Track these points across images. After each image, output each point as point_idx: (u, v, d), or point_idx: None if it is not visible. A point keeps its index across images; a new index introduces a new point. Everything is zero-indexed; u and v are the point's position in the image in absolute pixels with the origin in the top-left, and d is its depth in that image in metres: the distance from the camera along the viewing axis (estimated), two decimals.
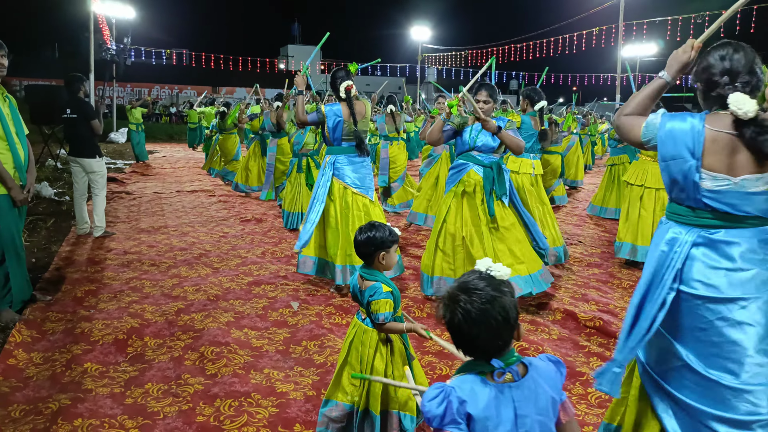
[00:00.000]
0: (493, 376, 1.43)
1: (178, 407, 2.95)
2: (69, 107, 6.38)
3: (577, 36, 24.88)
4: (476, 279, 1.48)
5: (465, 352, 1.48)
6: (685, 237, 2.02)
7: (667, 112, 2.08)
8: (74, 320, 4.06)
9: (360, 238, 2.52)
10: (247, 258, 5.86)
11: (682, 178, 1.98)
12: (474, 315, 1.41)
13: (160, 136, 24.54)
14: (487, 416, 1.40)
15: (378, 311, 2.42)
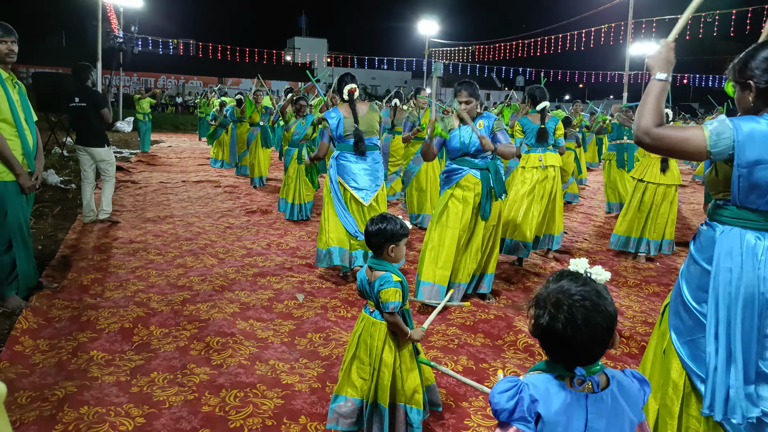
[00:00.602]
0: (573, 383, 1.37)
1: (184, 397, 2.95)
2: (77, 96, 6.38)
3: (586, 33, 24.76)
4: (577, 283, 1.39)
5: (555, 359, 1.41)
6: (763, 243, 1.92)
7: (733, 117, 1.94)
8: (80, 308, 4.07)
9: (371, 229, 2.52)
10: (252, 249, 5.86)
11: (766, 183, 1.87)
12: (580, 322, 1.32)
13: (165, 126, 24.56)
14: (557, 421, 1.34)
15: (387, 300, 2.42)
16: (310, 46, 51.27)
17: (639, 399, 1.43)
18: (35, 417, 2.71)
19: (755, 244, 1.92)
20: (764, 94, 1.93)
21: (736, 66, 2.02)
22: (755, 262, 1.91)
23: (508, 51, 29.79)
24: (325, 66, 51.68)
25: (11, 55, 3.86)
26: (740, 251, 1.94)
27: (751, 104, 1.98)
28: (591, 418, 1.36)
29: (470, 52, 32.44)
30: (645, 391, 1.45)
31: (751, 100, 1.97)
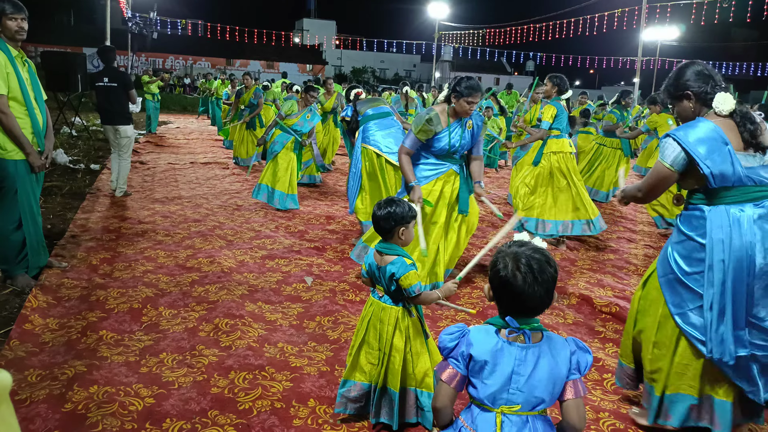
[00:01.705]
0: (506, 332, 1.62)
1: (193, 378, 2.95)
2: (106, 76, 6.77)
3: (599, 17, 24.41)
4: (526, 245, 1.64)
5: (506, 309, 1.64)
6: (748, 212, 2.33)
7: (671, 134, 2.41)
8: (89, 287, 4.08)
9: (380, 213, 2.50)
10: (260, 232, 5.85)
11: (729, 164, 2.32)
12: (535, 272, 1.57)
13: (173, 107, 24.50)
14: (485, 360, 1.59)
15: (411, 285, 2.41)
16: (319, 28, 50.90)
17: (568, 360, 1.62)
18: (45, 395, 2.72)
19: (739, 216, 2.33)
20: (701, 97, 2.46)
21: (669, 88, 2.57)
22: (741, 230, 2.31)
23: (519, 35, 29.46)
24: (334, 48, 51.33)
25: (21, 33, 3.82)
26: (728, 223, 2.34)
27: (692, 110, 2.50)
28: (517, 364, 1.59)
29: (480, 36, 32.09)
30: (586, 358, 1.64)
31: (692, 106, 2.49)
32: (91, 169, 8.88)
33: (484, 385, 1.60)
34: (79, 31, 39.52)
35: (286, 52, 46.59)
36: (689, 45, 36.17)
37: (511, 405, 1.59)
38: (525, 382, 1.58)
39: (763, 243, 2.31)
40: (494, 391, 1.59)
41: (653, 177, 2.49)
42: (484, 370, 1.59)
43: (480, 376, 1.61)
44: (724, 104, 2.39)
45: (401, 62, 55.93)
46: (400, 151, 4.13)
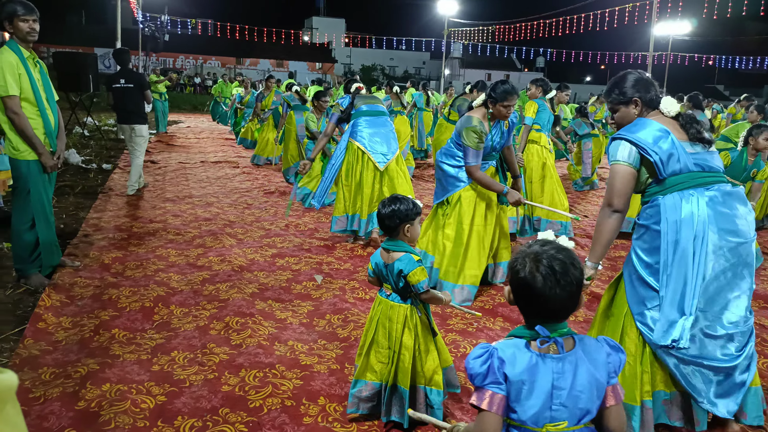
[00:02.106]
0: (537, 344, 1.47)
1: (204, 376, 2.97)
2: (123, 77, 7.06)
3: (609, 12, 24.22)
4: (549, 245, 1.52)
5: (528, 314, 1.53)
6: (698, 196, 2.41)
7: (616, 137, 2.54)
8: (102, 286, 4.11)
9: (384, 211, 2.50)
10: (270, 230, 5.87)
11: (675, 149, 2.44)
12: (557, 274, 1.45)
13: (184, 107, 24.64)
14: (522, 380, 1.44)
15: (418, 281, 2.42)
16: (328, 26, 50.89)
17: (606, 363, 1.51)
18: (59, 393, 2.75)
19: (690, 198, 2.41)
20: (648, 103, 2.61)
21: (614, 95, 2.66)
22: (693, 210, 2.38)
23: (529, 31, 29.29)
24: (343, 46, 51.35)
25: (33, 34, 3.86)
26: (680, 205, 2.41)
27: (635, 115, 2.61)
28: (556, 377, 1.45)
29: (490, 32, 31.95)
30: (620, 358, 1.54)
31: (636, 112, 2.61)
32: (103, 168, 8.95)
33: (525, 406, 1.46)
34: (90, 32, 39.82)
35: (296, 50, 46.66)
36: (701, 39, 35.80)
37: (556, 423, 1.47)
38: (567, 395, 1.45)
39: (716, 223, 2.37)
40: (536, 411, 1.45)
41: (617, 181, 2.51)
42: (522, 390, 1.45)
43: (519, 397, 1.45)
44: (671, 107, 2.55)
45: (411, 59, 55.84)
46: (472, 172, 4.03)
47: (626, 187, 2.51)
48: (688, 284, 2.36)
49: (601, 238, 2.56)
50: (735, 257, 2.38)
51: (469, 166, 4.03)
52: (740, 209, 2.43)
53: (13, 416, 0.73)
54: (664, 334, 2.37)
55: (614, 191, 2.52)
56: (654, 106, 2.62)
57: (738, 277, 2.40)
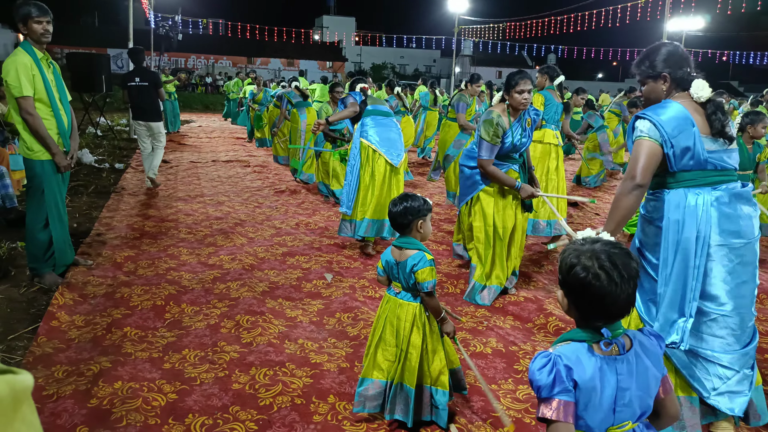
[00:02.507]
0: (600, 346, 1.41)
1: (215, 374, 2.99)
2: (138, 76, 7.40)
3: (621, 8, 24.02)
4: (597, 241, 1.45)
5: (591, 318, 1.44)
6: (704, 196, 2.36)
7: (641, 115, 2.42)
8: (114, 285, 4.15)
9: (396, 209, 2.50)
10: (281, 229, 5.90)
11: (692, 144, 2.35)
12: (620, 269, 1.37)
13: (195, 106, 24.78)
14: (593, 387, 1.38)
15: (425, 280, 2.42)
16: (339, 25, 50.94)
17: (659, 354, 1.48)
18: (71, 391, 2.79)
19: (696, 198, 2.36)
20: (677, 81, 2.47)
21: (644, 67, 2.53)
22: (696, 212, 2.35)
23: (540, 28, 29.11)
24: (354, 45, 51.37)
25: (46, 35, 3.90)
26: (684, 205, 2.37)
27: (663, 92, 2.50)
28: (621, 379, 1.40)
29: (501, 30, 31.81)
30: (662, 346, 1.51)
31: (664, 88, 2.50)
32: (115, 168, 9.03)
33: (592, 413, 1.41)
34: (103, 33, 40.15)
35: (306, 49, 46.74)
36: (715, 35, 35.40)
37: (620, 424, 1.43)
38: (631, 395, 1.42)
39: (719, 224, 2.34)
40: (603, 417, 1.41)
41: (642, 155, 2.36)
42: (592, 397, 1.39)
43: (588, 404, 1.40)
44: (702, 91, 2.40)
45: (421, 57, 55.74)
46: (484, 166, 3.94)
47: (652, 162, 2.37)
48: (688, 285, 2.33)
49: (617, 213, 2.42)
50: (738, 258, 2.35)
51: (481, 159, 3.94)
52: (745, 209, 2.39)
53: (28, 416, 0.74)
54: (662, 334, 2.35)
55: (639, 164, 2.37)
56: (684, 86, 2.48)
57: (742, 276, 2.36)
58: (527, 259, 5.19)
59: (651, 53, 2.52)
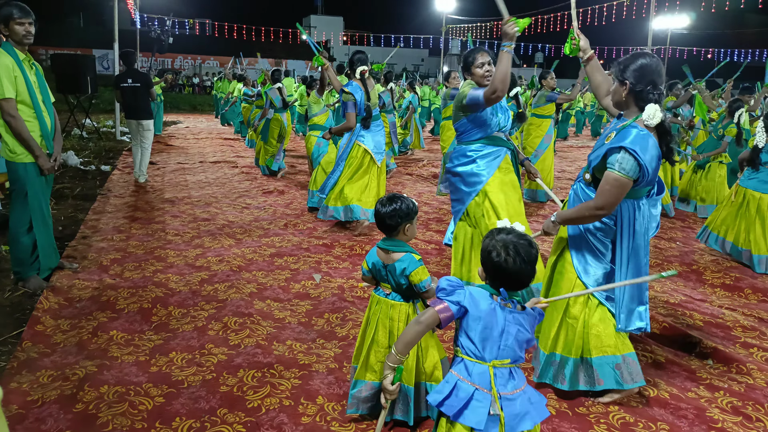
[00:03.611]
0: (499, 299, 1.91)
1: (202, 377, 2.97)
2: (130, 77, 7.86)
3: (607, 7, 24.14)
4: (511, 232, 1.94)
5: (499, 284, 1.92)
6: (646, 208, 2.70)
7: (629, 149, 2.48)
8: (100, 288, 4.11)
9: (384, 210, 2.49)
10: (269, 230, 5.87)
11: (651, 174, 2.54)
12: (523, 255, 1.88)
13: (183, 107, 24.62)
14: (479, 317, 1.87)
15: (421, 280, 2.43)
16: (326, 25, 50.77)
17: (533, 323, 1.97)
18: (56, 396, 2.75)
19: (641, 208, 2.68)
20: (635, 95, 2.58)
21: (619, 69, 2.63)
22: (641, 216, 2.67)
23: (527, 27, 29.22)
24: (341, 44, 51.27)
25: (28, 37, 3.85)
26: (633, 211, 2.66)
27: (623, 98, 2.63)
28: (507, 324, 1.88)
29: (488, 29, 31.88)
30: (539, 318, 2.02)
31: (624, 95, 2.62)
32: (101, 170, 8.95)
33: (478, 340, 1.87)
34: (88, 34, 39.72)
35: (294, 49, 46.53)
36: (701, 32, 35.64)
37: (502, 359, 1.87)
38: (512, 340, 1.87)
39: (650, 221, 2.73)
40: (487, 346, 1.86)
41: (616, 189, 2.53)
42: (479, 325, 1.86)
43: (475, 330, 1.87)
44: (653, 118, 2.50)
45: (409, 57, 55.69)
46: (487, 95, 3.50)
47: (620, 198, 2.59)
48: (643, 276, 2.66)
49: (575, 219, 2.69)
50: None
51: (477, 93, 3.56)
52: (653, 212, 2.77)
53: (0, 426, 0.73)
54: (628, 322, 2.71)
55: (612, 201, 2.56)
56: (639, 102, 2.57)
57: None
58: None
59: (628, 59, 2.65)
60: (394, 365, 2.05)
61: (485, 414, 1.79)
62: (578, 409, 2.81)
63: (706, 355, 3.42)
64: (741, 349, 3.52)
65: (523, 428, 1.82)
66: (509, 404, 1.82)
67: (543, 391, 2.89)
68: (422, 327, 1.96)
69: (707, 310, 4.08)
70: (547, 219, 2.81)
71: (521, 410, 1.83)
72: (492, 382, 1.83)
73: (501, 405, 1.81)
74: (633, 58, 2.61)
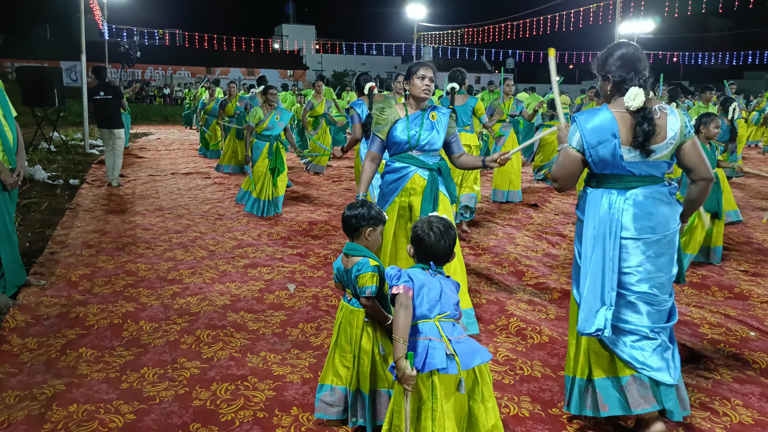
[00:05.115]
0: (430, 271, 2.29)
1: (174, 391, 2.93)
2: (102, 90, 8.54)
3: (575, 13, 24.60)
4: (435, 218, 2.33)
5: (419, 257, 2.32)
6: (618, 197, 2.54)
7: (575, 117, 2.55)
8: (69, 305, 4.03)
9: (349, 212, 2.56)
10: (243, 240, 5.83)
11: (610, 156, 2.50)
12: (443, 233, 2.28)
13: (154, 118, 24.31)
14: (423, 284, 2.23)
15: (364, 285, 2.45)
16: (299, 33, 50.77)
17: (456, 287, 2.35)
18: (24, 416, 2.69)
19: (609, 200, 2.55)
20: (617, 85, 2.54)
21: (597, 65, 2.63)
22: (611, 210, 2.53)
23: (497, 33, 29.58)
24: (314, 53, 51.26)
25: None
26: (599, 205, 2.56)
27: (608, 92, 2.61)
28: (443, 288, 2.26)
29: (459, 36, 32.21)
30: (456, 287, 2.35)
31: (608, 89, 2.59)
32: (70, 184, 8.79)
33: (425, 303, 2.21)
34: (55, 45, 39.07)
35: (267, 58, 46.43)
36: (666, 36, 36.48)
37: (443, 313, 2.22)
38: (448, 299, 2.25)
39: (633, 221, 2.52)
40: (432, 305, 2.21)
41: (563, 158, 2.59)
42: (423, 291, 2.21)
43: (421, 296, 2.21)
44: (633, 101, 2.45)
45: (382, 64, 55.94)
46: (366, 157, 3.55)
47: (574, 170, 2.58)
48: (606, 277, 2.50)
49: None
50: (651, 250, 2.52)
51: (368, 150, 3.56)
52: (660, 208, 2.53)
53: None
54: (587, 323, 2.50)
55: (559, 171, 2.62)
56: (622, 91, 2.51)
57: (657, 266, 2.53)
58: (490, 261, 5.24)
59: (606, 52, 2.60)
60: (404, 354, 2.09)
61: (443, 355, 2.12)
62: (551, 410, 2.84)
63: None
64: (708, 345, 3.60)
65: (475, 363, 2.18)
66: (459, 346, 2.18)
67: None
68: (408, 308, 2.16)
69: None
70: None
71: (469, 350, 2.19)
72: (441, 331, 2.18)
73: (453, 347, 2.15)
74: (611, 50, 2.58)
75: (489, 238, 6.09)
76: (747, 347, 3.57)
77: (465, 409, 2.23)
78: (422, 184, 3.46)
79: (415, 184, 3.46)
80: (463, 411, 2.23)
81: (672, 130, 2.48)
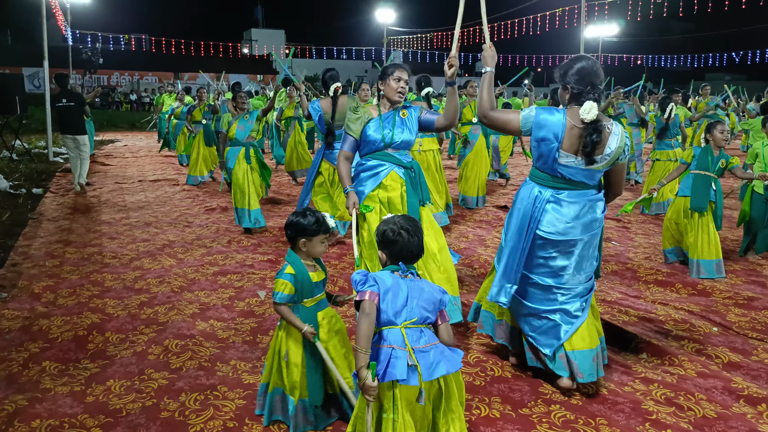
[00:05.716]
0: (399, 273, 2.26)
1: (142, 403, 2.88)
2: (64, 97, 8.59)
3: (541, 17, 24.98)
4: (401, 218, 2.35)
5: (392, 258, 2.30)
6: (544, 195, 2.89)
7: (538, 107, 2.85)
8: (32, 317, 3.93)
9: (288, 219, 2.62)
10: (212, 248, 5.76)
11: (547, 154, 2.82)
12: (411, 232, 2.28)
13: (121, 125, 23.87)
14: (388, 290, 2.19)
15: (275, 290, 2.53)
16: (268, 38, 50.42)
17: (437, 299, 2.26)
18: None
19: (536, 194, 2.90)
20: (575, 96, 2.82)
21: (561, 71, 2.88)
22: (534, 205, 2.89)
23: (466, 37, 29.85)
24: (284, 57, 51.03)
25: None
26: (528, 197, 2.93)
27: (566, 100, 2.88)
28: (410, 292, 2.21)
29: (428, 40, 32.42)
30: (443, 298, 2.28)
31: (567, 98, 2.87)
32: (33, 193, 8.57)
33: (390, 309, 2.16)
34: (17, 52, 38.12)
35: (236, 63, 45.96)
36: (630, 39, 37.29)
37: (411, 320, 2.17)
38: (416, 303, 2.19)
39: (548, 221, 2.87)
40: (397, 311, 2.17)
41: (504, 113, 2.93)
42: (388, 296, 2.17)
43: (387, 302, 2.17)
44: (588, 114, 2.71)
45: (353, 68, 55.91)
46: (339, 156, 3.61)
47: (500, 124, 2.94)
48: (516, 260, 2.94)
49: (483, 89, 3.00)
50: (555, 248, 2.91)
51: (341, 150, 3.62)
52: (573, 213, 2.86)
53: None
54: (497, 294, 2.99)
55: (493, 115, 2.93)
56: (579, 101, 2.79)
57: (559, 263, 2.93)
58: (461, 264, 5.28)
59: (566, 64, 2.87)
60: (365, 364, 2.09)
61: (405, 366, 2.08)
62: (521, 410, 2.87)
63: (640, 349, 3.57)
64: (673, 341, 3.68)
65: (438, 374, 2.13)
66: (423, 356, 2.13)
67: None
68: (370, 317, 2.13)
69: (641, 306, 4.25)
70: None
71: (434, 360, 2.14)
72: (405, 339, 2.14)
73: (416, 357, 2.11)
74: (571, 63, 2.84)
75: (459, 240, 6.13)
76: (710, 342, 3.66)
77: (429, 418, 2.24)
78: (400, 181, 3.54)
79: (393, 180, 3.53)
80: (427, 420, 2.23)
81: (609, 147, 2.78)
